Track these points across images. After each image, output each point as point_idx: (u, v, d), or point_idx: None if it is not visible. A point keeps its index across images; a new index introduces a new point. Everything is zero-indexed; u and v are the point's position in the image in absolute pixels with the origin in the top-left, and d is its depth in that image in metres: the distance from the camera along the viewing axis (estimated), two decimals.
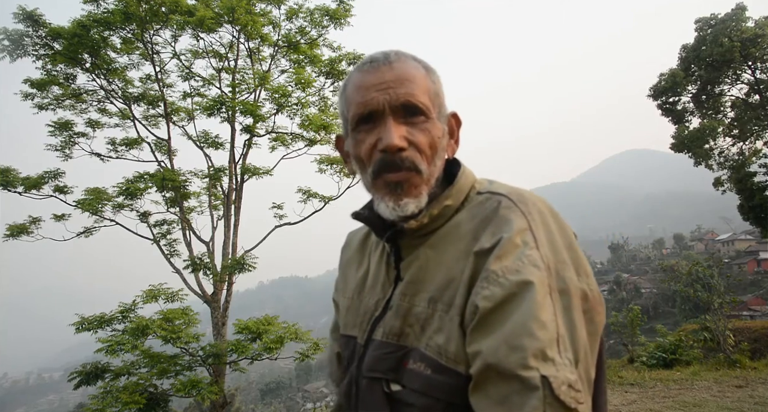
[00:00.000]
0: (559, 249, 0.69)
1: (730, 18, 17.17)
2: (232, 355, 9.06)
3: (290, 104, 11.03)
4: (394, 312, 0.77)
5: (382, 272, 0.85)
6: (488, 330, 0.63)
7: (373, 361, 0.77)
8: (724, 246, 71.10)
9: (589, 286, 0.68)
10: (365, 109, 0.76)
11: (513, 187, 0.77)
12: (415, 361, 0.71)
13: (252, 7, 10.69)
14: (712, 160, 18.25)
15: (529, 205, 0.72)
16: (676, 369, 7.89)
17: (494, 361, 0.61)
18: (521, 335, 0.60)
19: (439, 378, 0.68)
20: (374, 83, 0.76)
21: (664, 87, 18.15)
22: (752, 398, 5.45)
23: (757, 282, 48.79)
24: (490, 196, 0.76)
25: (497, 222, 0.70)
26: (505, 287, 0.64)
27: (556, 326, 0.62)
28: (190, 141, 11.56)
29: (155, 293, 9.08)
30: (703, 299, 8.83)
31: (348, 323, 0.89)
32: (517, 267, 0.65)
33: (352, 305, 0.89)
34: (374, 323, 0.81)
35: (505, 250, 0.66)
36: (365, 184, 0.80)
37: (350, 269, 0.96)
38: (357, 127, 0.78)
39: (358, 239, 0.98)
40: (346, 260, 0.99)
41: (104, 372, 8.58)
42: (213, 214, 11.32)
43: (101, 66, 10.47)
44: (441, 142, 0.78)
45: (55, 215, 10.49)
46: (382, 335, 0.77)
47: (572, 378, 0.60)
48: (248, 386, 60.20)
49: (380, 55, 0.78)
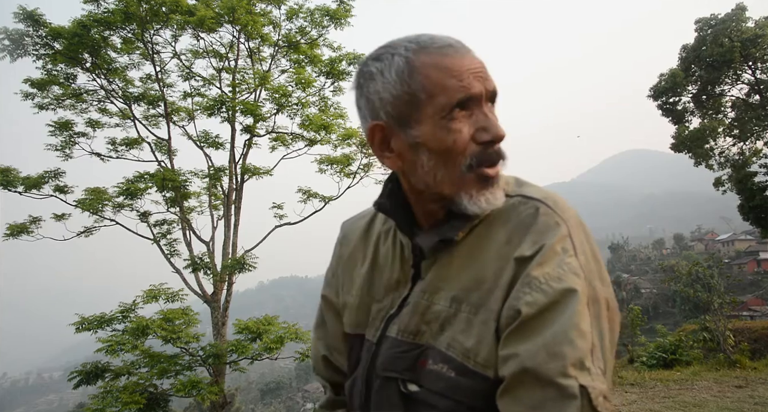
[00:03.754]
0: (589, 258, 0.68)
1: (730, 18, 17.17)
2: (232, 355, 9.07)
3: (290, 104, 11.04)
4: (411, 309, 0.75)
5: (396, 269, 0.81)
6: (528, 335, 0.62)
7: (389, 360, 0.74)
8: (724, 246, 71.10)
9: (610, 295, 0.68)
10: (466, 94, 0.68)
11: (546, 191, 0.75)
12: (435, 362, 0.69)
13: (252, 7, 10.70)
14: (712, 160, 18.26)
15: (566, 211, 0.70)
16: (676, 369, 7.89)
17: (532, 365, 0.60)
18: (562, 342, 0.60)
19: (464, 381, 0.67)
20: (469, 68, 0.69)
21: (664, 87, 18.15)
22: (752, 398, 5.45)
23: (757, 282, 48.77)
24: (524, 200, 0.73)
25: (538, 229, 0.68)
26: (549, 294, 0.63)
27: (592, 336, 0.62)
28: (191, 141, 11.58)
29: (155, 293, 9.09)
30: (703, 299, 8.83)
31: (353, 322, 0.85)
32: (559, 274, 0.64)
33: (361, 303, 0.84)
34: (388, 321, 0.78)
35: (546, 257, 0.65)
36: (441, 179, 0.71)
37: (353, 265, 0.89)
38: (451, 114, 0.68)
39: (358, 231, 0.91)
40: (348, 255, 0.91)
41: (104, 372, 8.59)
42: (213, 214, 11.33)
43: (101, 66, 10.48)
44: None
45: (56, 215, 10.51)
46: (397, 333, 0.75)
47: (606, 389, 0.61)
48: (248, 386, 60.22)
49: (452, 40, 0.71)
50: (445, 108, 0.68)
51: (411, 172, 0.73)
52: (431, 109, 0.68)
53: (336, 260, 0.94)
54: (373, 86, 0.72)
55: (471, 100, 0.68)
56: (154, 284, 9.37)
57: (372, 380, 0.77)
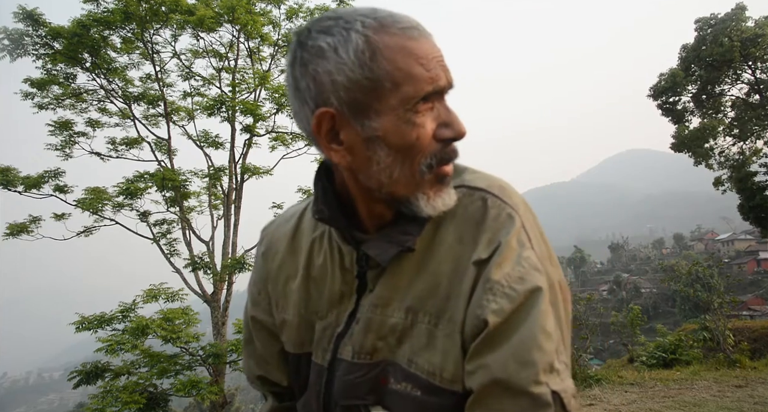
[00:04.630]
0: (540, 243, 0.64)
1: (730, 18, 17.18)
2: (232, 355, 9.07)
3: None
4: (363, 327, 0.67)
5: (337, 281, 0.72)
6: (495, 343, 0.58)
7: (349, 388, 0.67)
8: (724, 246, 71.14)
9: (560, 275, 0.65)
10: (434, 86, 0.60)
11: (487, 175, 0.69)
12: (397, 380, 0.64)
13: (252, 7, 10.70)
14: (712, 159, 18.27)
15: (513, 198, 0.65)
16: (676, 369, 7.89)
17: (504, 377, 0.56)
18: (531, 348, 0.57)
19: (431, 400, 0.62)
20: (434, 55, 0.61)
21: (664, 87, 18.16)
22: (752, 398, 5.45)
23: (757, 282, 48.83)
24: (469, 192, 0.66)
25: (490, 226, 0.63)
26: (513, 299, 0.58)
27: (556, 331, 0.60)
28: (190, 141, 11.58)
29: (155, 292, 9.09)
30: (703, 298, 8.83)
31: (296, 341, 0.76)
32: (520, 274, 0.60)
33: (301, 320, 0.75)
34: (337, 340, 0.70)
35: (504, 256, 0.60)
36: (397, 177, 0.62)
37: (284, 279, 0.79)
38: (416, 106, 0.60)
39: (284, 241, 0.80)
40: (276, 269, 0.80)
41: (104, 372, 8.59)
42: (213, 213, 11.33)
43: (101, 65, 10.47)
44: None
45: (55, 215, 10.50)
46: (353, 355, 0.68)
47: (572, 386, 0.59)
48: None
49: (413, 21, 0.62)
50: (411, 100, 0.59)
51: (361, 169, 0.63)
52: (395, 100, 0.59)
53: (261, 275, 0.82)
54: (323, 65, 0.59)
55: (436, 92, 0.61)
56: (153, 284, 9.39)
57: (332, 408, 0.70)
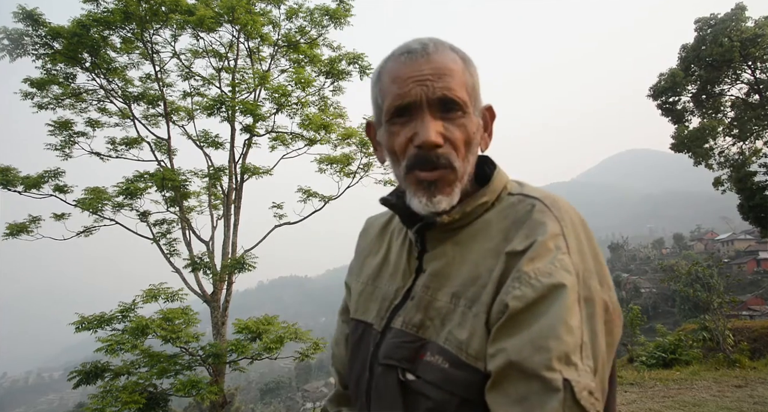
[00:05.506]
0: (587, 258, 0.68)
1: (729, 18, 17.17)
2: (232, 355, 9.07)
3: (290, 104, 11.03)
4: (415, 303, 0.77)
5: (403, 261, 0.85)
6: (515, 329, 0.63)
7: (390, 348, 0.76)
8: (723, 246, 71.12)
9: (611, 298, 0.68)
10: (402, 102, 0.73)
11: (547, 192, 0.77)
12: (432, 354, 0.71)
13: (252, 7, 10.69)
14: (712, 159, 18.26)
15: (562, 211, 0.72)
16: (676, 369, 7.90)
17: (518, 359, 0.61)
18: (548, 336, 0.60)
19: (457, 373, 0.68)
20: (411, 75, 0.72)
21: (664, 87, 18.16)
22: (752, 398, 5.46)
23: (757, 282, 48.83)
24: (522, 198, 0.75)
25: (531, 225, 0.70)
26: (537, 289, 0.64)
27: (581, 333, 0.62)
28: (190, 140, 11.57)
29: (155, 292, 9.08)
30: (703, 298, 8.83)
31: (360, 308, 0.89)
32: (550, 270, 0.65)
33: (365, 290, 0.89)
34: (393, 311, 0.81)
35: (537, 252, 0.66)
36: (397, 175, 0.79)
37: (368, 254, 0.95)
38: (392, 119, 0.75)
39: (378, 225, 0.97)
40: (365, 246, 0.98)
41: (104, 372, 8.59)
42: (213, 213, 11.32)
43: (101, 65, 10.47)
44: (476, 137, 0.76)
45: (55, 214, 10.50)
46: (402, 325, 0.77)
47: (593, 385, 0.61)
48: (248, 385, 60.26)
49: (417, 45, 0.74)
50: (387, 113, 0.75)
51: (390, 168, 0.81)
52: (384, 113, 0.76)
53: (356, 250, 1.01)
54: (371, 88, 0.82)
55: (409, 106, 0.73)
56: (153, 284, 9.37)
57: (374, 367, 0.79)
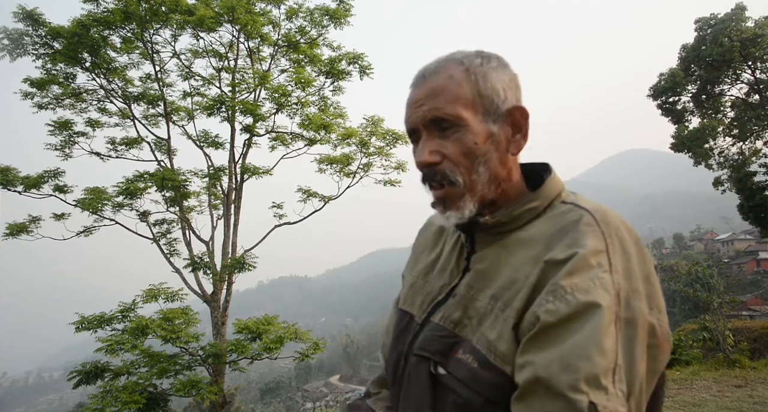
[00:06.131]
0: (634, 277, 0.67)
1: (729, 18, 17.16)
2: (232, 355, 9.06)
3: (290, 104, 11.03)
4: (456, 300, 0.79)
5: (452, 260, 0.87)
6: (545, 344, 0.62)
7: (425, 341, 0.78)
8: (723, 246, 71.07)
9: (659, 321, 0.67)
10: (408, 127, 0.80)
11: (599, 205, 0.75)
12: (465, 352, 0.72)
13: (252, 7, 10.70)
14: (711, 159, 18.25)
15: (611, 227, 0.70)
16: (676, 369, 7.89)
17: (545, 375, 0.60)
18: (578, 356, 0.59)
19: (484, 374, 0.68)
20: (413, 101, 0.79)
21: (664, 87, 18.15)
22: (751, 398, 5.45)
23: (757, 282, 48.79)
24: (573, 207, 0.75)
25: (574, 235, 0.69)
26: (571, 305, 0.63)
27: (616, 356, 0.61)
28: (190, 140, 11.58)
29: (155, 292, 9.08)
30: (703, 298, 8.82)
31: (407, 300, 0.91)
32: (587, 287, 0.63)
33: (416, 283, 0.92)
34: (435, 306, 0.82)
35: (577, 267, 0.65)
36: None
37: (423, 250, 0.98)
38: (411, 140, 0.83)
39: (437, 224, 0.99)
40: (422, 241, 1.01)
41: (104, 372, 8.59)
42: (213, 213, 11.32)
43: (101, 65, 10.47)
44: (480, 147, 0.76)
45: (55, 214, 10.50)
46: (441, 319, 0.79)
47: (621, 410, 0.59)
48: (248, 385, 60.21)
49: (420, 71, 0.80)
50: (408, 136, 0.83)
51: None
52: None
53: (414, 245, 1.05)
54: None
55: (413, 130, 0.80)
56: (153, 284, 9.37)
57: (409, 357, 0.81)
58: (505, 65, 0.81)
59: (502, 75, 0.79)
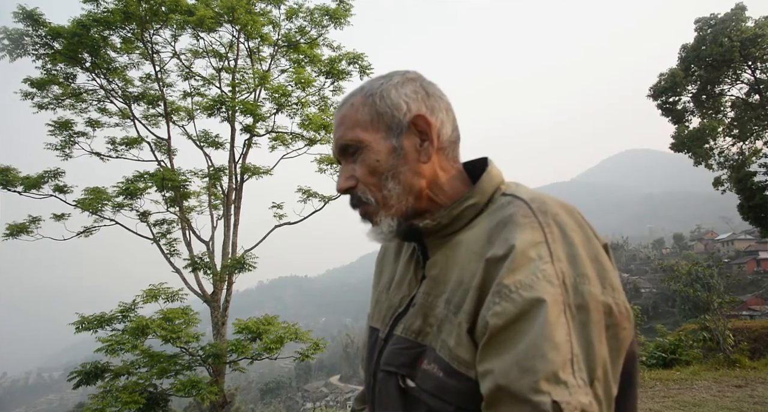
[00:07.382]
0: (579, 262, 0.65)
1: (729, 18, 17.18)
2: (232, 355, 9.07)
3: (290, 104, 11.03)
4: (416, 310, 0.78)
5: (410, 270, 0.87)
6: (500, 349, 0.62)
7: (389, 355, 0.78)
8: (723, 246, 71.09)
9: (615, 300, 0.65)
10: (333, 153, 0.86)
11: (537, 193, 0.75)
12: (429, 361, 0.71)
13: (252, 7, 10.69)
14: (711, 159, 18.25)
15: (548, 215, 0.69)
16: (676, 369, 7.90)
17: (505, 383, 0.59)
18: (534, 357, 0.59)
19: (450, 382, 0.67)
20: (336, 127, 0.84)
21: (664, 87, 18.16)
22: (752, 398, 5.46)
23: (757, 282, 48.82)
24: (512, 199, 0.74)
25: (511, 228, 0.68)
26: (518, 304, 0.62)
27: (570, 346, 0.60)
28: (190, 140, 11.57)
29: (155, 292, 9.08)
30: (703, 298, 8.82)
31: (374, 316, 0.92)
32: (530, 282, 0.63)
33: (380, 298, 0.92)
34: (396, 319, 0.83)
35: (517, 262, 0.64)
36: None
37: (386, 264, 0.98)
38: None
39: None
40: (385, 255, 1.01)
41: (104, 372, 8.59)
42: (213, 213, 11.32)
43: (101, 65, 10.47)
44: (382, 164, 0.78)
45: (55, 215, 10.49)
46: (402, 331, 0.79)
47: (585, 401, 0.59)
48: (248, 385, 60.22)
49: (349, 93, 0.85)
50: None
51: None
52: None
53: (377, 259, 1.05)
54: None
55: (338, 161, 0.85)
56: (153, 284, 9.37)
57: (377, 373, 0.81)
58: (411, 79, 0.83)
59: (403, 89, 0.81)
